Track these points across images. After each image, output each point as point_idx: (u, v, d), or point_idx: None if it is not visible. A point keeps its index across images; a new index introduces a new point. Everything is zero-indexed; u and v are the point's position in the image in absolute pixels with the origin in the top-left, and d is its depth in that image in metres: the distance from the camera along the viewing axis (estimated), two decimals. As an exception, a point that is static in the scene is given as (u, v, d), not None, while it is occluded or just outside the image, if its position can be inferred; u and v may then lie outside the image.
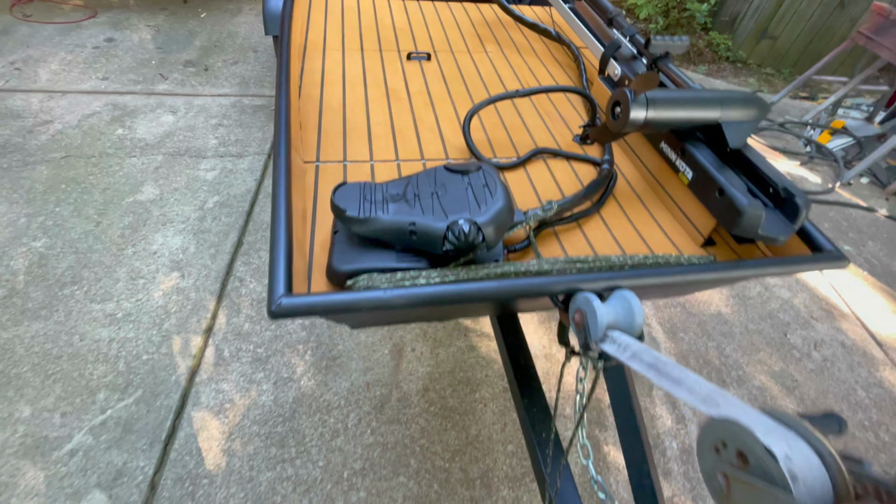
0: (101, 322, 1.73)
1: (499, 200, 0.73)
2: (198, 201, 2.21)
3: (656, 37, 1.08)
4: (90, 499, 1.35)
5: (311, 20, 1.56)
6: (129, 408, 1.53)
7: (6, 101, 2.59)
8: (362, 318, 0.81)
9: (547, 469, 0.88)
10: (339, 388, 1.66)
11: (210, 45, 3.32)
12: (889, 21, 2.92)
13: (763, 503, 0.40)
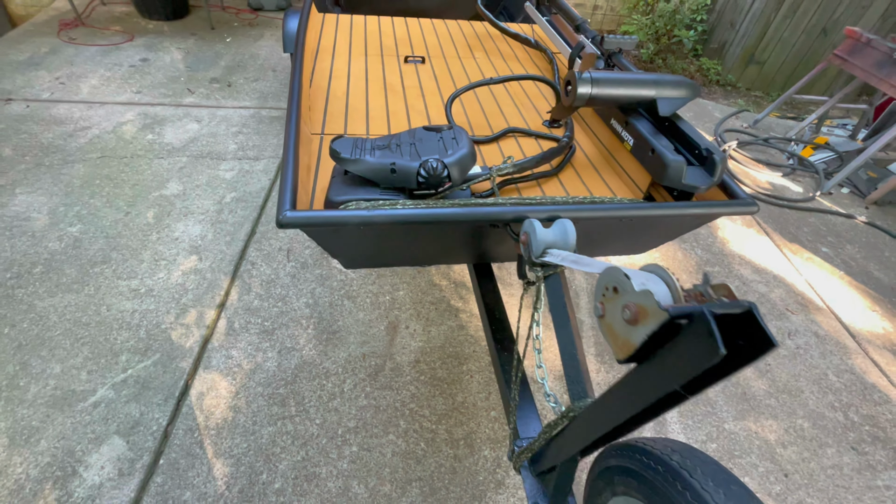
0: (126, 296, 1.91)
1: (463, 148, 0.91)
2: (217, 196, 2.43)
3: (608, 36, 1.28)
4: (110, 443, 1.50)
5: (323, 31, 1.81)
6: (148, 368, 1.69)
7: (51, 110, 2.88)
8: (351, 248, 0.98)
9: (510, 389, 1.03)
10: (337, 357, 1.81)
11: (234, 65, 3.64)
12: (861, 43, 3.14)
13: (619, 308, 0.56)
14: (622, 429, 0.68)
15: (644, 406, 0.56)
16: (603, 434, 0.68)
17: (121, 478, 1.42)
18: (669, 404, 0.57)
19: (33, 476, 1.40)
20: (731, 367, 0.49)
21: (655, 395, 0.53)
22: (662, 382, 0.51)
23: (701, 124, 3.77)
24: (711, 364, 0.44)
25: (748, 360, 0.47)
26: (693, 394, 0.54)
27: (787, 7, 4.22)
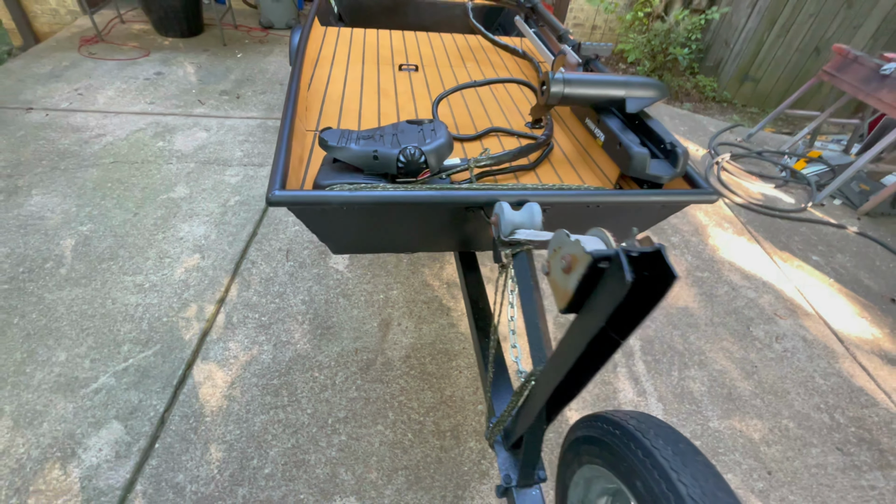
0: (131, 290, 2.00)
1: (441, 138, 0.99)
2: (221, 199, 2.53)
3: (585, 43, 1.38)
4: (109, 427, 1.56)
5: (325, 42, 1.93)
6: (148, 358, 1.76)
7: (69, 119, 3.03)
8: (337, 231, 1.05)
9: (487, 370, 1.08)
10: (330, 351, 1.87)
11: (243, 78, 3.80)
12: (848, 60, 3.22)
13: (558, 261, 0.62)
14: (572, 384, 0.73)
15: (582, 351, 0.62)
16: (556, 390, 0.73)
17: (117, 460, 1.48)
18: (606, 351, 0.63)
19: (34, 456, 1.46)
20: (647, 305, 0.55)
21: (589, 336, 0.59)
22: (593, 323, 0.57)
23: (695, 138, 3.85)
24: (624, 293, 0.50)
25: (659, 296, 0.53)
26: (623, 337, 0.59)
27: (780, 27, 4.34)
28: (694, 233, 2.76)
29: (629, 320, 0.57)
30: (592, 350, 0.62)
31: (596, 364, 0.66)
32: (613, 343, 0.60)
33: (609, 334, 0.58)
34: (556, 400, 0.77)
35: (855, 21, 4.31)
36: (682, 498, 0.66)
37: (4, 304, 1.88)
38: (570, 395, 0.76)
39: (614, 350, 0.62)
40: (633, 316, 0.56)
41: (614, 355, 0.64)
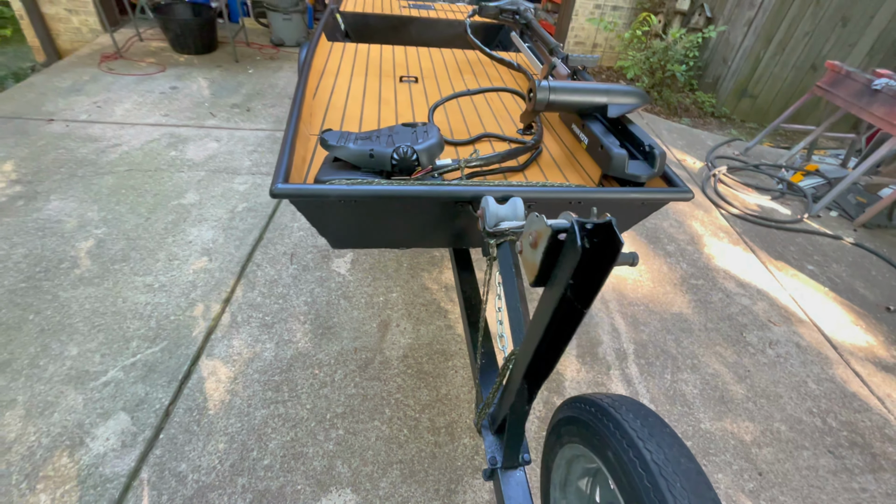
0: (141, 290, 2.08)
1: (432, 138, 1.07)
2: (230, 206, 2.63)
3: (572, 55, 1.46)
4: (116, 418, 1.62)
5: (330, 56, 2.04)
6: (156, 354, 1.83)
7: (87, 130, 3.17)
8: (335, 224, 1.13)
9: (476, 359, 1.14)
10: (330, 350, 1.92)
11: (254, 93, 3.95)
12: (841, 75, 3.30)
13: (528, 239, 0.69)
14: (545, 357, 0.78)
15: (549, 321, 0.68)
16: (531, 365, 0.79)
17: (123, 449, 1.53)
18: (572, 321, 0.68)
19: (45, 444, 1.52)
20: (601, 272, 0.61)
21: (553, 305, 0.65)
22: (557, 292, 0.63)
23: (693, 151, 3.92)
24: (577, 259, 0.56)
25: (610, 262, 0.59)
26: (585, 306, 0.65)
27: (776, 45, 4.45)
28: (690, 242, 2.81)
29: (588, 290, 0.63)
30: (559, 320, 0.68)
31: (564, 335, 0.71)
32: (577, 313, 0.66)
33: (572, 302, 0.64)
34: (533, 375, 0.83)
35: (850, 39, 4.41)
36: (646, 463, 0.71)
37: (21, 302, 1.96)
38: (545, 370, 0.81)
39: (579, 320, 0.67)
40: (591, 286, 0.62)
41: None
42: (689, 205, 3.16)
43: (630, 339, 2.12)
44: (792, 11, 4.24)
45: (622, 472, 0.74)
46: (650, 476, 0.70)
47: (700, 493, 0.68)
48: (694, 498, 0.67)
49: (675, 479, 0.69)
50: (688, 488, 0.68)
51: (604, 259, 0.58)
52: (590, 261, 0.59)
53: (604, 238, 0.57)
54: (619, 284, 2.42)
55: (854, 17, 4.26)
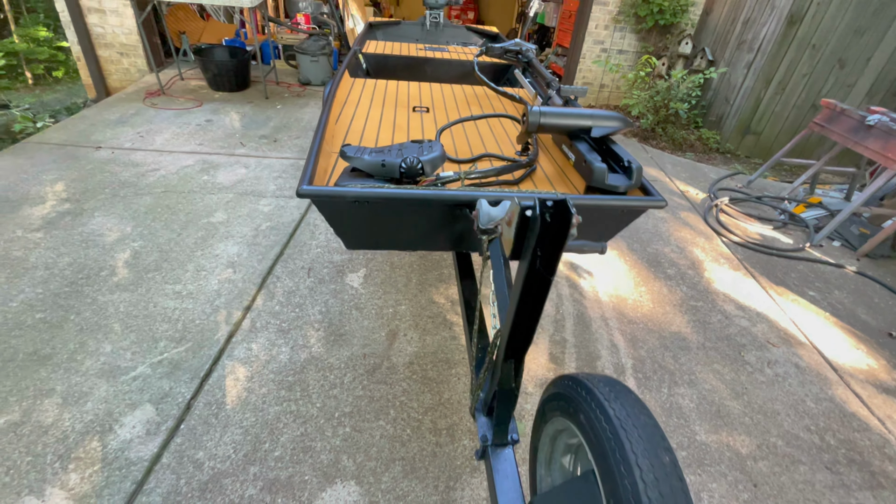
0: (171, 296, 2.26)
1: (436, 151, 1.24)
2: (254, 224, 2.84)
3: (564, 87, 1.65)
4: (142, 408, 1.75)
5: (352, 90, 2.28)
6: (181, 353, 1.98)
7: (130, 156, 3.49)
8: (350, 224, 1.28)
9: (472, 348, 1.26)
10: (341, 355, 2.05)
11: (281, 126, 4.28)
12: (836, 112, 3.45)
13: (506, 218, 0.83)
14: (522, 327, 0.90)
15: (521, 289, 0.81)
16: (511, 333, 0.91)
17: (147, 436, 1.66)
18: (542, 289, 0.81)
19: (77, 429, 1.66)
20: (560, 241, 0.74)
21: (524, 273, 0.78)
22: (526, 262, 0.76)
23: (696, 184, 4.06)
24: (537, 231, 0.70)
25: (565, 231, 0.72)
26: (550, 274, 0.78)
27: (776, 85, 4.64)
28: (690, 266, 2.89)
29: (552, 260, 0.76)
30: (530, 289, 0.81)
31: (537, 304, 0.84)
32: (544, 280, 0.79)
33: (539, 272, 0.78)
34: (514, 348, 0.95)
35: (848, 80, 4.58)
36: (609, 418, 0.82)
37: (64, 304, 2.15)
38: (524, 342, 0.93)
39: (547, 287, 0.80)
40: (553, 256, 0.75)
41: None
42: (690, 232, 3.27)
43: (628, 355, 2.19)
44: (789, 55, 4.46)
45: (590, 429, 0.85)
46: (612, 428, 0.80)
47: (654, 442, 0.78)
48: (648, 445, 0.77)
49: (633, 430, 0.79)
50: (644, 437, 0.78)
51: (560, 231, 0.72)
52: (551, 233, 0.72)
53: (561, 212, 0.71)
54: (619, 304, 2.51)
55: (850, 59, 4.45)
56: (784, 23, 4.31)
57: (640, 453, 0.75)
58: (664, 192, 3.85)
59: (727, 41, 5.06)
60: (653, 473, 0.73)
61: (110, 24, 4.88)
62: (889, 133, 3.01)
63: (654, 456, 0.75)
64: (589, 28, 5.46)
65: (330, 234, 2.84)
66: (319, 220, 2.96)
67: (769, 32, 4.47)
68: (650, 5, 5.09)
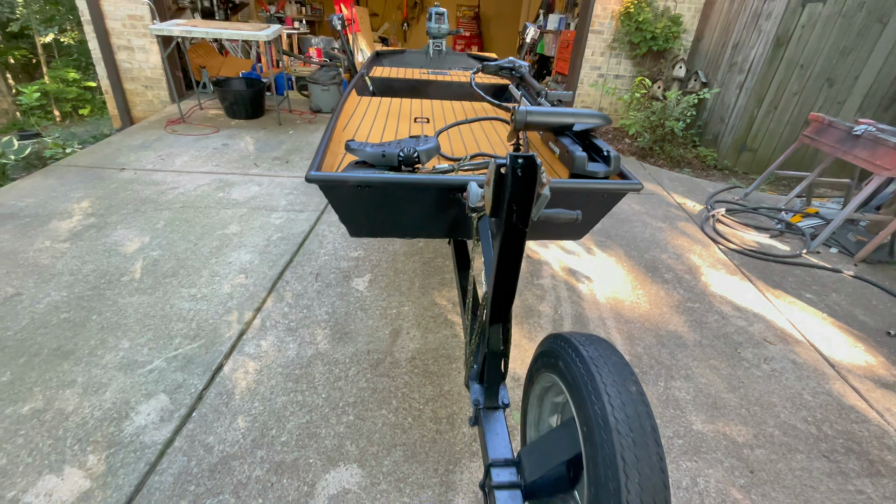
0: (186, 299, 2.38)
1: (431, 143, 1.38)
2: (266, 235, 2.99)
3: (550, 92, 1.80)
4: (157, 398, 1.84)
5: (359, 105, 2.46)
6: (194, 349, 2.08)
7: (152, 176, 3.70)
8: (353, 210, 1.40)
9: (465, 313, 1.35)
10: (346, 351, 2.13)
11: (293, 148, 4.51)
12: (824, 125, 3.57)
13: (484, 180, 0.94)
14: (504, 284, 1.00)
15: (501, 244, 0.91)
16: (494, 290, 1.01)
17: (161, 423, 1.74)
18: (518, 242, 0.91)
19: (96, 416, 1.75)
20: (530, 195, 0.85)
21: (503, 229, 0.88)
22: (503, 217, 0.87)
23: (693, 197, 4.16)
24: (510, 184, 0.81)
25: (533, 182, 0.83)
26: (524, 225, 0.89)
27: (768, 104, 4.80)
28: (687, 271, 2.96)
29: (524, 212, 0.87)
30: (508, 242, 0.91)
31: (515, 259, 0.94)
32: (519, 232, 0.90)
33: (515, 225, 0.88)
34: (498, 307, 1.04)
35: (838, 97, 4.73)
36: (584, 359, 0.90)
37: (87, 305, 2.28)
38: (507, 298, 1.03)
39: (522, 239, 0.91)
40: (525, 209, 0.86)
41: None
42: (687, 240, 3.35)
43: (625, 352, 2.24)
44: (778, 75, 4.64)
45: (567, 371, 0.93)
46: (585, 366, 0.89)
47: (622, 375, 0.86)
48: (617, 377, 0.85)
49: (604, 366, 0.87)
50: (613, 371, 0.86)
51: (530, 183, 0.83)
52: (522, 185, 0.84)
53: (530, 167, 0.83)
54: (616, 306, 2.58)
55: (838, 78, 4.61)
56: (771, 45, 4.51)
57: (609, 384, 0.84)
58: (661, 204, 3.95)
59: (718, 64, 5.27)
60: (619, 399, 0.81)
61: (137, 59, 5.26)
62: (876, 142, 3.11)
63: (622, 385, 0.83)
64: (585, 55, 5.73)
65: (337, 243, 2.97)
66: (328, 231, 3.10)
67: (757, 55, 4.67)
68: (643, 33, 5.35)
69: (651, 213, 3.76)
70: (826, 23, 4.41)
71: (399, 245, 3.01)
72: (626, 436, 0.77)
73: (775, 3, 4.47)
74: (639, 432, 0.77)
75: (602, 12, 5.49)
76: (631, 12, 5.30)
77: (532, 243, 3.11)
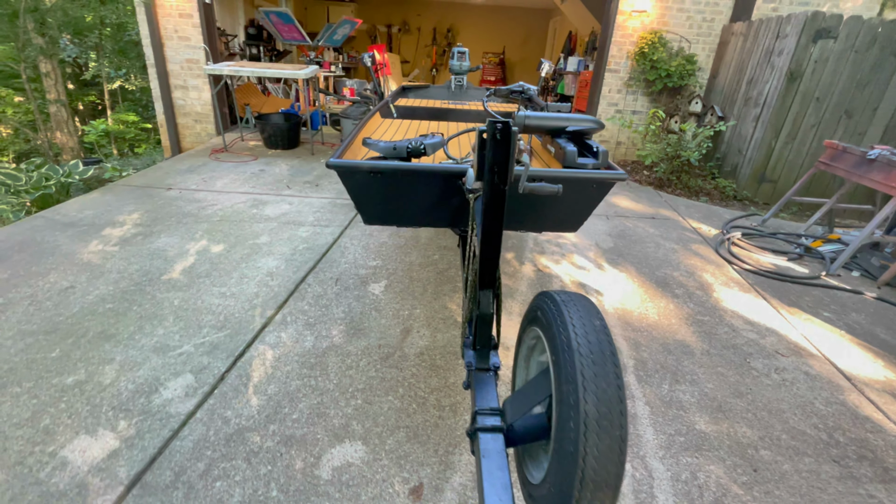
0: (216, 296, 2.58)
1: (436, 139, 1.56)
2: (293, 245, 3.21)
3: (550, 104, 1.98)
4: (184, 377, 2.00)
5: (381, 124, 2.72)
6: (220, 337, 2.25)
7: (194, 194, 4.06)
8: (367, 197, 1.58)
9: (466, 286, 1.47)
10: (358, 345, 2.26)
11: (323, 174, 4.84)
12: (839, 151, 3.61)
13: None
14: (490, 240, 1.12)
15: (485, 204, 1.05)
16: (482, 259, 1.13)
17: (186, 397, 1.89)
18: (500, 199, 1.05)
19: (130, 389, 1.92)
20: (506, 154, 0.99)
21: (488, 188, 1.02)
22: (487, 178, 1.01)
23: (709, 222, 4.19)
24: (489, 148, 0.96)
25: (508, 142, 0.97)
26: (504, 184, 1.03)
27: (785, 135, 4.86)
28: (699, 287, 2.97)
29: (504, 172, 1.01)
30: (491, 199, 1.05)
31: (497, 215, 1.07)
32: (500, 191, 1.03)
33: (497, 184, 1.02)
34: (486, 271, 1.17)
35: (858, 129, 4.75)
36: (557, 302, 1.01)
37: (129, 298, 2.52)
38: (492, 261, 1.15)
39: (503, 196, 1.04)
40: (505, 169, 1.01)
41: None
42: (700, 260, 3.37)
43: (630, 357, 2.27)
44: (794, 108, 4.72)
45: (543, 317, 1.03)
46: (557, 307, 0.99)
47: (589, 313, 0.96)
48: (584, 314, 0.95)
49: (573, 306, 0.98)
50: (581, 310, 0.96)
51: (506, 145, 0.98)
52: (501, 147, 0.99)
53: (507, 131, 0.98)
54: (624, 315, 2.62)
55: (857, 110, 4.65)
56: (784, 79, 4.63)
57: (576, 318, 0.94)
58: (676, 228, 4.00)
59: (734, 99, 5.41)
60: (583, 329, 0.91)
61: (190, 97, 5.85)
62: (890, 164, 3.12)
63: (587, 320, 0.94)
64: (603, 92, 5.99)
65: (357, 254, 3.16)
66: (349, 244, 3.30)
67: (772, 88, 4.79)
68: (658, 70, 5.58)
69: (665, 235, 3.81)
70: (839, 58, 4.52)
71: (415, 256, 3.17)
72: (586, 356, 0.86)
73: (787, 41, 4.64)
74: (598, 354, 0.86)
75: (618, 52, 5.78)
76: (646, 52, 5.56)
77: (544, 258, 3.21)
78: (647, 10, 5.47)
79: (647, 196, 4.94)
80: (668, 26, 5.63)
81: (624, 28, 5.64)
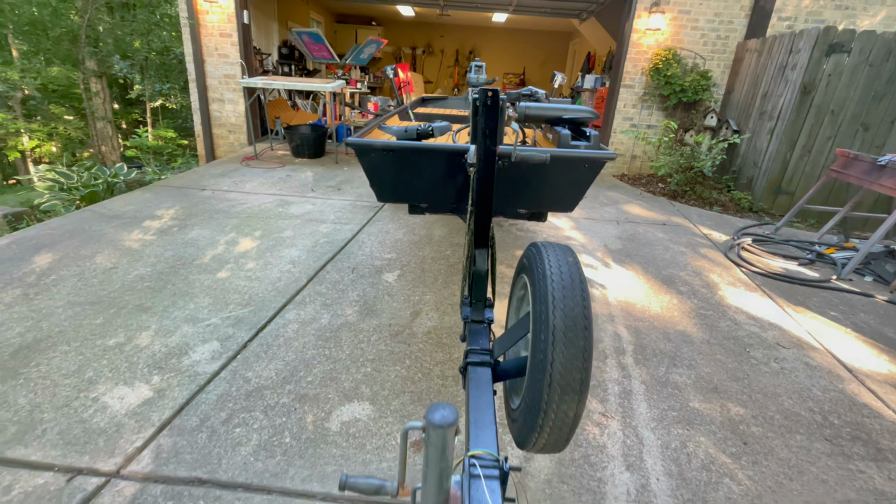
0: (242, 279, 2.80)
1: (444, 123, 1.74)
2: (314, 239, 3.43)
3: (553, 98, 2.15)
4: (211, 343, 2.19)
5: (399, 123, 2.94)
6: (244, 313, 2.45)
7: (225, 195, 4.36)
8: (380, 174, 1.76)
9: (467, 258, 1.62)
10: (370, 323, 2.41)
11: (345, 180, 5.11)
12: (850, 158, 3.64)
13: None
14: (482, 202, 1.28)
15: (478, 168, 1.20)
16: (476, 216, 1.29)
17: (212, 360, 2.07)
18: (491, 160, 1.20)
19: (163, 351, 2.11)
20: (496, 118, 1.15)
21: (481, 150, 1.18)
22: (479, 140, 1.18)
23: (720, 229, 4.23)
24: (480, 114, 1.12)
25: (496, 107, 1.13)
26: (493, 144, 1.18)
27: (801, 148, 4.88)
28: (704, 286, 3.03)
29: (494, 133, 1.17)
30: (483, 161, 1.21)
31: (489, 176, 1.23)
32: (491, 151, 1.19)
33: (488, 146, 1.18)
34: (479, 230, 1.31)
35: (876, 141, 4.74)
36: (539, 247, 1.15)
37: (165, 279, 2.75)
38: (485, 220, 1.30)
39: (493, 157, 1.20)
40: (494, 130, 1.17)
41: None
42: (708, 263, 3.42)
43: (630, 342, 2.35)
44: (809, 121, 4.76)
45: (528, 262, 1.17)
46: (538, 250, 1.13)
47: (566, 253, 1.10)
48: (561, 253, 1.09)
49: (553, 249, 1.12)
50: (559, 251, 1.10)
51: (495, 109, 1.14)
52: (491, 111, 1.15)
53: (495, 97, 1.15)
54: (627, 307, 2.70)
55: (873, 123, 4.66)
56: (798, 93, 4.69)
57: (552, 256, 1.08)
58: (686, 233, 4.06)
59: (749, 113, 5.47)
60: (558, 263, 1.05)
61: (226, 110, 6.28)
62: (900, 170, 3.15)
63: (562, 257, 1.07)
64: (618, 107, 6.14)
65: (374, 247, 3.35)
66: (367, 239, 3.50)
67: (786, 102, 4.85)
68: (672, 86, 5.71)
69: (674, 239, 3.87)
70: (853, 72, 4.57)
71: (428, 251, 3.34)
72: (557, 282, 0.99)
73: (800, 55, 4.72)
74: (568, 281, 1.00)
75: (633, 69, 5.95)
76: (660, 68, 5.71)
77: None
78: (661, 29, 5.64)
79: (659, 205, 5.01)
80: (683, 44, 5.78)
81: (639, 45, 5.82)
